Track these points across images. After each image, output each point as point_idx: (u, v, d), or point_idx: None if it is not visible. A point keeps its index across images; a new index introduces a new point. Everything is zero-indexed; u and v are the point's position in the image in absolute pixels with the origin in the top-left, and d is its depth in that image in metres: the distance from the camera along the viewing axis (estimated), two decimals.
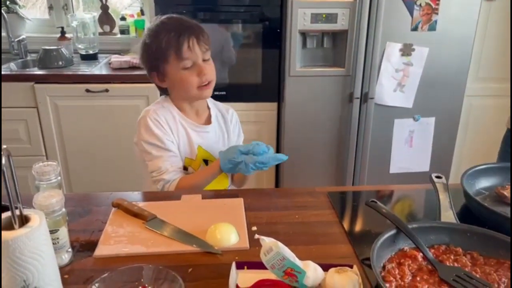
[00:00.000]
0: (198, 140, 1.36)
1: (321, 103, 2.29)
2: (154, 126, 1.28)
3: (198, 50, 1.25)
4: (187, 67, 1.26)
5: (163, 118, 1.31)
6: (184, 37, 1.23)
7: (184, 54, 1.24)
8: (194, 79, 1.27)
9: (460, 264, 0.86)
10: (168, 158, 1.29)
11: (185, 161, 1.37)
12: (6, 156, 0.56)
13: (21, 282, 0.55)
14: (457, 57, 2.25)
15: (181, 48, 1.23)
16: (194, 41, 1.24)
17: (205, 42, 1.27)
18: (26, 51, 2.67)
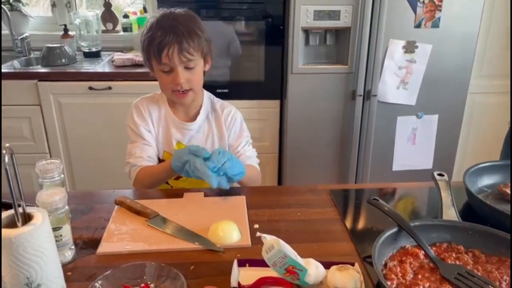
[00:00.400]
0: (177, 136, 1.36)
1: (324, 100, 2.29)
2: (135, 113, 1.36)
3: (176, 59, 1.21)
4: (165, 71, 1.25)
5: (146, 108, 1.36)
6: (165, 43, 1.19)
7: (162, 60, 1.21)
8: (168, 82, 1.26)
9: (462, 262, 0.86)
10: (140, 145, 1.33)
11: (164, 155, 1.38)
12: (9, 154, 0.57)
13: (24, 279, 0.56)
14: (461, 54, 2.24)
15: (160, 54, 1.21)
16: (174, 50, 1.20)
17: (189, 51, 1.21)
18: (30, 49, 2.68)
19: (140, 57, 2.42)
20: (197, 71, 1.27)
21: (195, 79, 1.27)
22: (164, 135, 1.37)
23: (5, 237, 0.54)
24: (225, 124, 1.39)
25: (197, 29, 1.24)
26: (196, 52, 1.23)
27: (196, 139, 1.37)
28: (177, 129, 1.36)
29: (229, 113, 1.40)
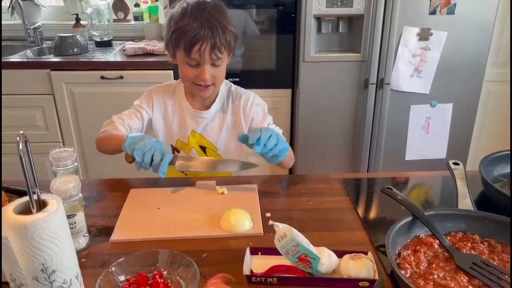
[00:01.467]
0: (192, 124, 1.35)
1: (336, 89, 2.26)
2: (144, 97, 1.38)
3: (207, 56, 1.18)
4: (191, 64, 1.22)
5: (160, 98, 1.36)
6: (199, 38, 1.15)
7: (192, 55, 1.18)
8: (192, 75, 1.23)
9: (477, 251, 0.85)
10: (130, 113, 1.34)
11: (177, 143, 1.37)
12: (24, 142, 0.57)
13: (39, 265, 0.56)
14: (477, 42, 2.19)
15: (191, 48, 1.16)
16: (207, 47, 1.16)
17: (220, 50, 1.18)
18: (42, 38, 2.69)
19: (152, 45, 2.42)
20: (222, 67, 1.25)
21: (219, 75, 1.25)
22: (178, 124, 1.36)
23: (20, 223, 0.55)
24: (243, 112, 1.36)
25: (229, 25, 1.20)
26: (226, 50, 1.21)
27: (211, 127, 1.36)
28: (192, 117, 1.35)
29: (247, 99, 1.37)
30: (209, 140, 1.36)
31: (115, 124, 1.30)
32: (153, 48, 2.41)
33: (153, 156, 1.06)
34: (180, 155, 1.18)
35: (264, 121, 1.36)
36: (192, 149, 1.36)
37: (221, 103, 1.36)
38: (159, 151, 1.07)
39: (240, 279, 0.81)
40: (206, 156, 1.37)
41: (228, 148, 1.38)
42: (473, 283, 0.77)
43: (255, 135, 1.06)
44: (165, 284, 0.78)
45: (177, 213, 1.05)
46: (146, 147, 1.06)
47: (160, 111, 1.36)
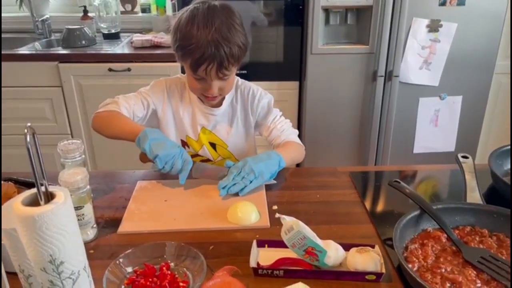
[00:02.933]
0: (202, 121, 1.33)
1: (344, 81, 2.25)
2: (151, 86, 1.33)
3: (213, 75, 1.15)
4: (198, 79, 1.18)
5: (170, 90, 1.32)
6: (205, 59, 1.10)
7: (199, 73, 1.15)
8: (199, 87, 1.21)
9: (486, 245, 0.84)
10: (136, 101, 1.28)
11: (187, 139, 1.36)
12: (31, 134, 0.57)
13: (47, 256, 0.57)
14: (487, 33, 2.16)
15: (197, 68, 1.13)
16: (214, 67, 1.12)
17: (228, 69, 1.14)
18: (50, 30, 2.70)
19: (159, 38, 2.41)
20: (230, 80, 1.22)
21: (227, 87, 1.23)
22: (189, 120, 1.34)
23: (28, 215, 0.55)
24: (251, 106, 1.34)
25: (238, 38, 1.14)
26: (234, 66, 1.17)
27: (221, 124, 1.34)
28: (202, 114, 1.33)
29: (254, 93, 1.34)
30: (219, 136, 1.35)
31: (119, 106, 1.24)
32: (160, 40, 2.40)
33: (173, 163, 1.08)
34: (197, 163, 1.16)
35: (269, 115, 1.35)
36: (203, 146, 1.35)
37: (230, 99, 1.34)
38: (181, 160, 1.08)
39: (247, 272, 0.81)
40: (216, 153, 1.36)
41: (237, 144, 1.37)
42: (481, 277, 0.76)
43: (222, 183, 1.09)
44: (172, 275, 0.79)
45: (184, 205, 1.06)
46: (170, 155, 1.07)
47: (171, 104, 1.33)
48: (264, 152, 1.18)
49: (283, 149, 1.25)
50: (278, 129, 1.33)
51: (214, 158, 1.37)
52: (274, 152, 1.18)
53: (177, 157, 1.08)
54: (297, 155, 1.30)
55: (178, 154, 1.08)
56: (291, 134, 1.33)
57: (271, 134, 1.33)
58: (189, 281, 0.79)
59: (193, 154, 1.37)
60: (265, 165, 1.12)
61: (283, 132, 1.32)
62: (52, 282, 0.59)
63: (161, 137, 1.12)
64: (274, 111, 1.36)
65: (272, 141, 1.34)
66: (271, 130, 1.33)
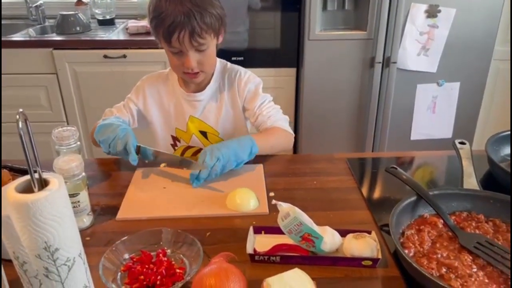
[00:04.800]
0: (189, 110, 1.31)
1: (342, 68, 2.23)
2: (134, 89, 1.34)
3: (187, 44, 1.12)
4: (175, 52, 1.16)
5: (152, 88, 1.32)
6: (175, 27, 1.09)
7: (172, 43, 1.12)
8: (178, 63, 1.18)
9: (482, 231, 0.85)
10: (119, 109, 1.31)
11: (176, 132, 1.34)
12: (23, 120, 0.56)
13: (42, 243, 0.56)
14: (486, 18, 2.14)
15: (170, 37, 1.11)
16: (186, 34, 1.10)
17: (200, 35, 1.11)
18: (44, 17, 2.66)
19: None
20: (208, 53, 1.18)
21: (206, 61, 1.19)
22: (175, 111, 1.32)
23: (22, 202, 0.55)
24: (238, 89, 1.31)
25: (210, 6, 1.12)
26: (208, 34, 1.13)
27: (209, 110, 1.31)
28: (187, 102, 1.31)
29: (241, 76, 1.31)
30: (208, 124, 1.33)
31: (106, 116, 1.27)
32: None
33: (115, 145, 1.08)
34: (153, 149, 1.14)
35: (256, 100, 1.30)
36: (192, 135, 1.33)
37: (216, 84, 1.31)
38: (121, 141, 1.07)
39: (243, 258, 0.81)
40: (208, 141, 1.34)
41: (228, 130, 1.34)
42: (477, 263, 0.77)
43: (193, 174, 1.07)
44: (168, 262, 0.79)
45: (183, 192, 1.06)
46: (110, 139, 1.08)
47: (154, 101, 1.32)
48: (237, 138, 1.14)
49: (261, 135, 1.21)
50: (264, 115, 1.27)
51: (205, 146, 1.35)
52: (248, 138, 1.14)
53: (117, 139, 1.07)
54: (279, 142, 1.24)
55: (117, 136, 1.08)
56: (278, 120, 1.27)
57: (257, 119, 1.28)
58: (185, 267, 0.79)
59: (185, 147, 1.36)
60: (233, 151, 1.08)
61: (270, 118, 1.26)
62: (47, 269, 0.59)
63: (106, 123, 1.13)
64: (262, 96, 1.31)
65: (258, 127, 1.29)
66: (257, 116, 1.28)
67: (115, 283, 0.75)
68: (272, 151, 1.22)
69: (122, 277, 0.77)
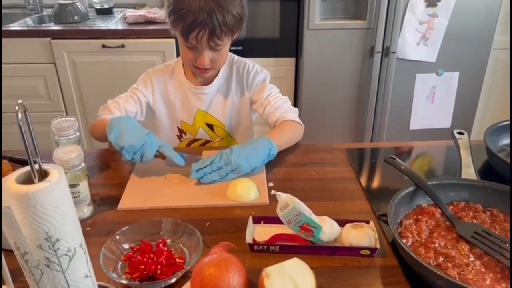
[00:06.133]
0: (197, 103, 1.30)
1: (341, 57, 2.23)
2: (141, 79, 1.32)
3: (205, 43, 1.11)
4: (189, 47, 1.15)
5: (159, 80, 1.31)
6: (196, 25, 1.07)
7: (189, 40, 1.11)
8: (191, 58, 1.17)
9: (479, 221, 0.85)
10: (125, 99, 1.27)
11: (182, 125, 1.34)
12: (23, 111, 0.56)
13: (43, 234, 0.57)
14: (486, 7, 2.13)
15: (189, 34, 1.09)
16: (205, 34, 1.08)
17: (219, 37, 1.10)
18: (42, 6, 2.65)
19: (153, 13, 2.37)
20: (222, 51, 1.18)
21: (219, 59, 1.19)
22: (181, 105, 1.32)
23: (22, 193, 0.55)
24: (246, 82, 1.31)
25: (233, 7, 1.10)
26: (227, 36, 1.13)
27: (215, 103, 1.31)
28: (194, 95, 1.30)
29: (249, 69, 1.31)
30: (215, 116, 1.32)
31: (110, 108, 1.23)
32: (154, 15, 2.36)
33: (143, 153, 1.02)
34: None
35: (263, 91, 1.29)
36: (199, 128, 1.33)
37: (224, 77, 1.31)
38: (152, 149, 1.02)
39: (243, 248, 0.82)
40: (214, 133, 1.34)
41: (234, 123, 1.35)
42: (474, 252, 0.77)
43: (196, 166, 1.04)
44: (168, 252, 0.79)
45: (184, 182, 1.06)
46: (137, 146, 1.00)
47: (160, 93, 1.31)
48: (254, 140, 1.11)
49: (276, 133, 1.19)
50: (272, 105, 1.27)
51: (212, 139, 1.35)
52: (266, 139, 1.10)
53: (146, 146, 1.01)
54: (292, 137, 1.23)
55: (147, 143, 1.01)
56: (287, 112, 1.26)
57: (265, 110, 1.28)
58: (185, 257, 0.80)
59: (191, 140, 1.36)
60: (245, 158, 1.04)
61: (278, 109, 1.26)
62: (49, 259, 0.59)
63: (128, 125, 1.04)
64: (270, 87, 1.31)
65: (267, 118, 1.28)
66: (265, 107, 1.28)
67: (116, 273, 0.76)
68: (287, 146, 1.21)
69: (123, 267, 0.78)
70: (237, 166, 1.03)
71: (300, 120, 1.28)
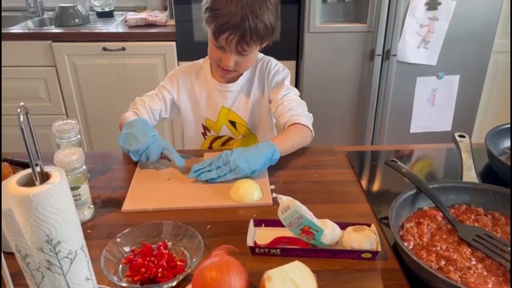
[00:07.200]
0: (221, 100, 1.32)
1: (341, 60, 2.23)
2: (168, 77, 1.35)
3: (233, 47, 1.12)
4: (217, 46, 1.16)
5: (184, 77, 1.33)
6: (228, 28, 1.09)
7: (219, 40, 1.12)
8: (217, 56, 1.19)
9: (481, 224, 0.85)
10: (151, 97, 1.31)
11: (207, 122, 1.36)
12: (25, 114, 0.56)
13: (44, 236, 0.57)
14: (486, 10, 2.13)
15: (219, 36, 1.11)
16: (235, 39, 1.10)
17: (248, 44, 1.11)
18: (43, 9, 2.65)
19: (154, 16, 2.38)
20: (249, 57, 1.20)
21: (244, 63, 1.20)
22: (206, 102, 1.33)
23: (24, 195, 0.55)
24: (267, 80, 1.31)
25: (267, 16, 1.11)
26: (255, 44, 1.14)
27: (239, 101, 1.32)
28: (219, 93, 1.32)
29: (271, 68, 1.31)
30: (238, 114, 1.34)
31: (137, 106, 1.28)
32: (155, 19, 2.37)
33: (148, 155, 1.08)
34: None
35: (279, 90, 1.28)
36: (222, 125, 1.35)
37: (248, 75, 1.31)
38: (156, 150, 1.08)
39: (244, 250, 0.81)
40: (236, 131, 1.36)
41: (255, 121, 1.35)
42: (475, 255, 0.77)
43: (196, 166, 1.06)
44: (169, 254, 0.79)
45: (187, 183, 1.06)
46: (142, 149, 1.07)
47: (186, 90, 1.33)
48: (258, 144, 1.11)
49: (282, 137, 1.18)
50: (285, 106, 1.25)
51: (235, 136, 1.37)
52: (269, 144, 1.10)
53: (150, 149, 1.07)
54: (298, 142, 1.21)
55: (150, 146, 1.07)
56: (299, 116, 1.24)
57: (277, 110, 1.27)
58: (186, 260, 0.80)
59: (215, 137, 1.38)
60: (245, 160, 1.04)
61: (290, 111, 1.24)
62: (50, 262, 0.59)
63: (136, 129, 1.09)
64: (287, 88, 1.30)
65: (278, 118, 1.28)
66: (278, 106, 1.27)
67: (117, 276, 0.76)
68: (292, 151, 1.20)
69: (124, 270, 0.78)
70: (235, 166, 1.04)
71: (311, 126, 1.25)
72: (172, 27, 2.30)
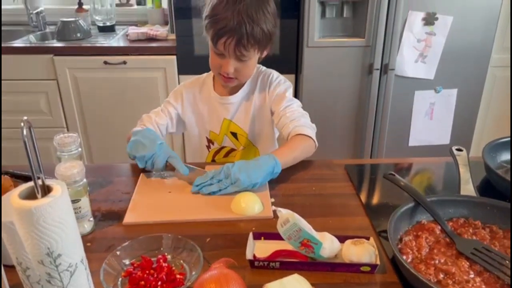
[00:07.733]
0: (223, 113, 1.34)
1: (340, 74, 2.25)
2: (173, 93, 1.38)
3: (231, 51, 1.15)
4: (217, 53, 1.19)
5: (188, 92, 1.36)
6: (225, 32, 1.12)
7: (218, 46, 1.15)
8: (217, 64, 1.21)
9: (479, 237, 0.86)
10: (157, 113, 1.34)
11: (210, 135, 1.38)
12: (28, 127, 0.57)
13: (45, 249, 0.57)
14: (483, 26, 2.16)
15: (217, 41, 1.14)
16: (232, 42, 1.13)
17: (246, 48, 1.14)
18: (45, 23, 2.68)
19: (155, 30, 2.41)
20: (248, 64, 1.21)
21: (244, 70, 1.22)
22: (209, 115, 1.35)
23: (25, 208, 0.55)
24: (268, 92, 1.32)
25: (263, 22, 1.14)
26: (253, 48, 1.16)
27: (240, 112, 1.34)
28: (221, 105, 1.34)
29: (273, 80, 1.33)
30: (238, 125, 1.35)
31: (144, 122, 1.30)
32: (156, 33, 2.39)
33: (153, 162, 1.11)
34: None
35: (281, 102, 1.29)
36: (224, 137, 1.37)
37: (249, 86, 1.33)
38: (161, 158, 1.11)
39: (243, 264, 0.82)
40: (238, 142, 1.37)
41: (256, 132, 1.36)
42: (474, 269, 0.77)
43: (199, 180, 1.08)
44: (169, 268, 0.79)
45: (188, 196, 1.07)
46: (147, 156, 1.10)
47: (190, 105, 1.36)
48: (259, 157, 1.12)
49: (283, 150, 1.18)
50: (287, 117, 1.25)
51: (237, 147, 1.38)
52: (271, 157, 1.10)
53: (156, 156, 1.10)
54: (301, 154, 1.20)
55: (157, 153, 1.10)
56: (302, 126, 1.23)
57: (280, 121, 1.27)
58: (186, 273, 0.80)
59: (218, 148, 1.39)
60: (245, 173, 1.04)
61: (293, 122, 1.24)
62: (50, 275, 0.59)
63: (143, 137, 1.13)
64: (290, 99, 1.30)
65: (281, 129, 1.28)
66: (281, 117, 1.27)
67: None
68: (294, 163, 1.20)
69: (123, 283, 0.78)
70: (236, 179, 1.05)
71: (314, 137, 1.25)
72: (173, 41, 2.32)
